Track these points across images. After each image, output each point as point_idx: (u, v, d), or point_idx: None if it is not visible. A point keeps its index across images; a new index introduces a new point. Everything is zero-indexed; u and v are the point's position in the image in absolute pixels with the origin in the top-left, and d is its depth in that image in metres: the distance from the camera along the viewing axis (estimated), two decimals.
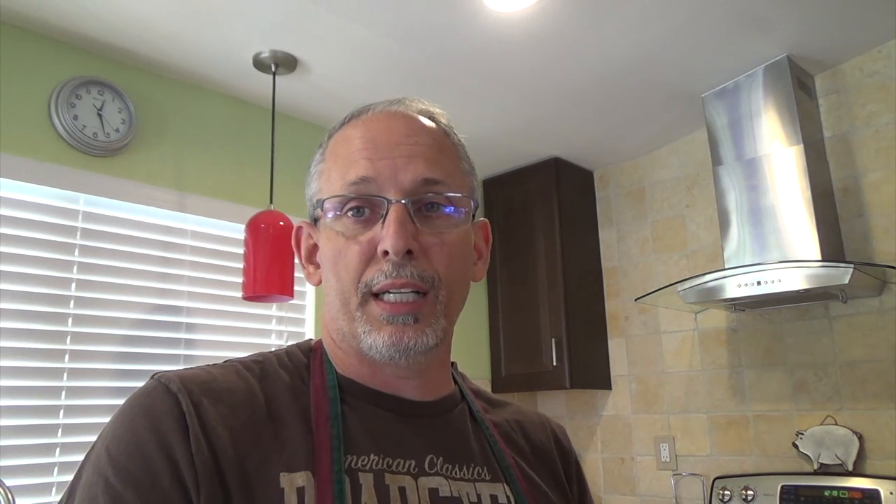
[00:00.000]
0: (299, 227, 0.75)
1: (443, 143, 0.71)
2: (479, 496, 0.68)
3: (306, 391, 0.68)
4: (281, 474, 0.60)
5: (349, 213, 0.66)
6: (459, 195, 0.69)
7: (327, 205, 0.67)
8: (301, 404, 0.66)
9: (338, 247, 0.66)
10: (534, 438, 0.81)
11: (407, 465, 0.66)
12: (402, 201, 0.65)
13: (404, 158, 0.66)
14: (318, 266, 0.74)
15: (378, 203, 0.66)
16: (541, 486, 0.75)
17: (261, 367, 0.69)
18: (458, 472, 0.68)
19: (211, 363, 0.69)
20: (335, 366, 0.71)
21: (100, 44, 2.03)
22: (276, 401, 0.66)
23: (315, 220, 0.72)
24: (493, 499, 0.69)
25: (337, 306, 0.68)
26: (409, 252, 0.64)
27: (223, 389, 0.64)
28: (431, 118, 0.72)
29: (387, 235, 0.63)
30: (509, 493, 0.70)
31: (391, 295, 0.64)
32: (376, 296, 0.65)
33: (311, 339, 0.78)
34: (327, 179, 0.69)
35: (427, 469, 0.67)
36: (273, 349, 0.75)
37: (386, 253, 0.63)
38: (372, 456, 0.65)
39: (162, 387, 0.62)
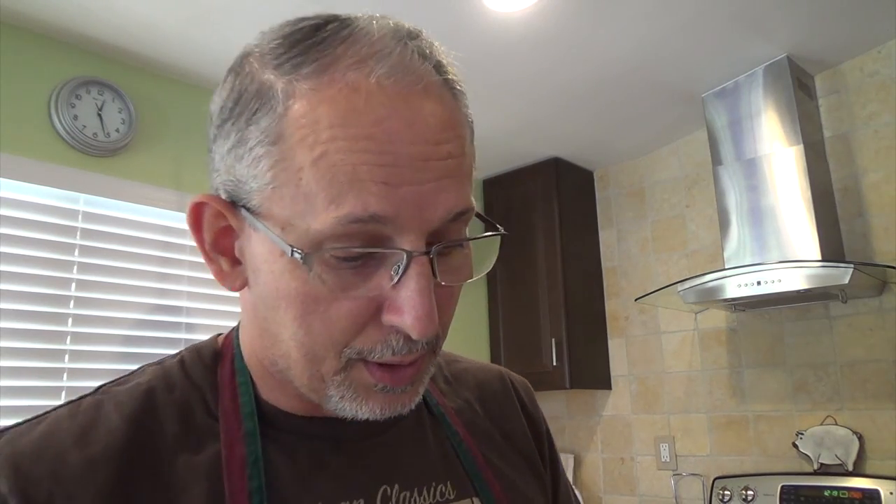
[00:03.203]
0: (201, 204, 0.51)
1: (465, 138, 0.51)
2: None
3: (213, 427, 0.52)
4: None
5: (338, 258, 0.46)
6: (485, 234, 0.53)
7: (305, 245, 0.45)
8: (206, 453, 0.50)
9: (313, 294, 0.46)
10: (500, 417, 0.69)
11: None
12: (427, 252, 0.46)
13: (433, 184, 0.46)
14: (235, 261, 0.52)
15: (391, 253, 0.46)
16: (516, 484, 0.64)
17: (144, 401, 0.51)
18: (417, 500, 0.56)
19: (75, 399, 0.52)
20: (256, 384, 0.55)
21: (100, 44, 2.03)
22: (165, 456, 0.49)
23: (236, 203, 0.49)
24: None
25: (295, 358, 0.49)
26: None
27: (82, 470, 0.46)
28: (447, 83, 0.51)
29: (409, 313, 0.45)
30: None
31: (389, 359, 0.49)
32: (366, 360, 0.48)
33: (219, 336, 0.59)
34: (294, 183, 0.45)
35: None
36: (163, 359, 0.57)
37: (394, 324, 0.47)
38: None
39: None
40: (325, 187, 0.44)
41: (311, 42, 0.46)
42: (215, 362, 0.56)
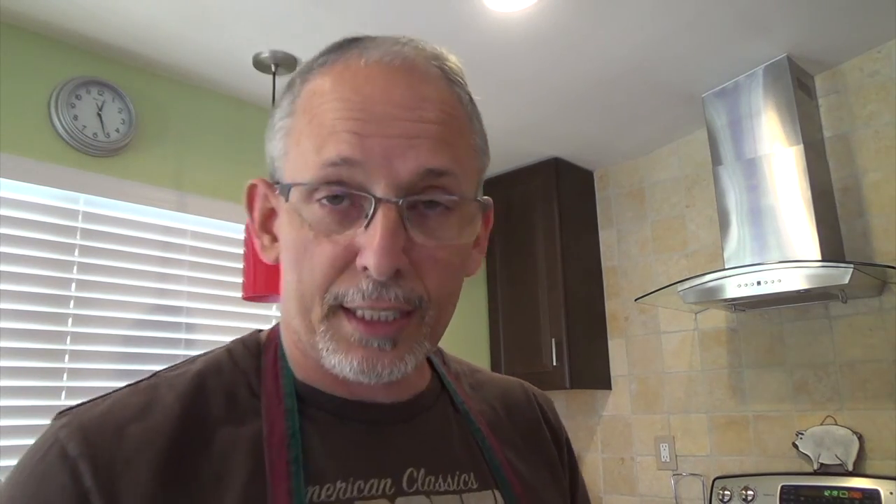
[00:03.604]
0: (254, 186, 0.60)
1: (454, 115, 0.56)
2: None
3: (255, 405, 0.57)
4: None
5: (322, 200, 0.52)
6: (469, 199, 0.56)
7: (294, 188, 0.53)
8: (249, 427, 0.55)
9: (303, 240, 0.53)
10: (522, 423, 0.72)
11: (382, 485, 0.56)
12: (395, 201, 0.51)
13: (403, 140, 0.51)
14: (275, 238, 0.60)
15: (362, 197, 0.52)
16: (536, 488, 0.66)
17: (195, 383, 0.57)
18: (441, 485, 0.59)
19: (133, 383, 0.58)
20: (293, 369, 0.60)
21: (100, 44, 2.03)
22: (213, 429, 0.54)
23: (275, 184, 0.58)
24: None
25: (296, 311, 0.55)
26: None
27: (140, 439, 0.51)
28: (442, 71, 0.57)
29: (370, 249, 0.50)
30: (500, 500, 0.61)
31: (368, 312, 0.52)
32: (347, 309, 0.53)
33: (261, 331, 0.66)
34: (296, 145, 0.54)
35: (406, 488, 0.57)
36: (212, 349, 0.63)
37: (366, 267, 0.51)
38: (339, 484, 0.54)
39: (58, 448, 0.50)
40: (313, 142, 0.53)
41: (335, 47, 0.57)
42: (259, 350, 0.62)
